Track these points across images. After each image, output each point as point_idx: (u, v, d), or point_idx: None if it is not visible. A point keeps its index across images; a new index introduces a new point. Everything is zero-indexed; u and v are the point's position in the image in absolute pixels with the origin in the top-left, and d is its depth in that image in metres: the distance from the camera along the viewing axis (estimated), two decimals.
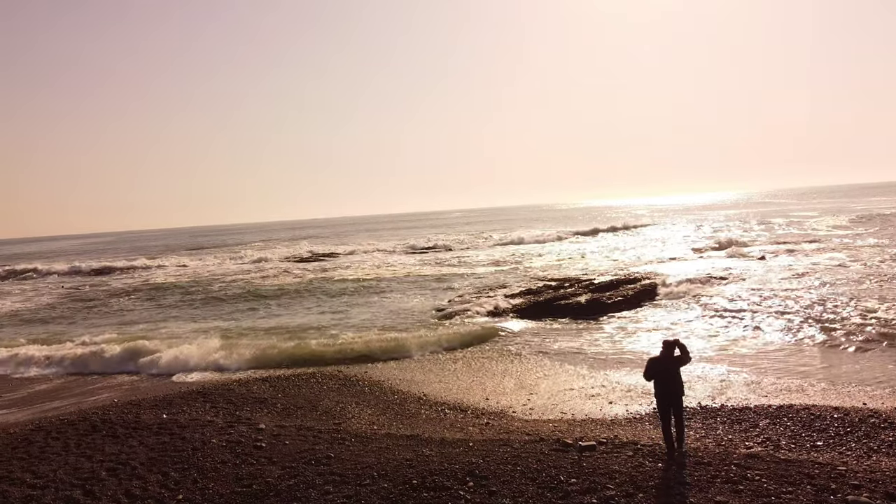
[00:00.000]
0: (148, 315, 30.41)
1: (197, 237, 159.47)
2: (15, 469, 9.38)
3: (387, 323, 23.66)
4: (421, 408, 13.46)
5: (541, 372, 15.83)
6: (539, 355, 17.41)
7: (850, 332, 17.59)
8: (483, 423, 12.12)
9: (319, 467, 8.89)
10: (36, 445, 10.35)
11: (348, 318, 25.58)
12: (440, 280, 36.11)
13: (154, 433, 10.65)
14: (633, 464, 8.47)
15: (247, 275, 45.71)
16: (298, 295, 33.56)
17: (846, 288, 24.02)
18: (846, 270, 28.66)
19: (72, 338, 23.97)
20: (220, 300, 33.83)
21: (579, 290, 26.13)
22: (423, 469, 8.57)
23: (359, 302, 29.92)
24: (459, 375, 16.00)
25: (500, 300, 25.45)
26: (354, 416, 12.79)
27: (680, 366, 8.89)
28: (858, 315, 19.16)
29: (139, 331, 25.36)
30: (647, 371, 8.98)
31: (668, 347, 8.91)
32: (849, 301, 21.26)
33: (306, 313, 27.54)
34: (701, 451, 9.05)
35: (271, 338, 21.77)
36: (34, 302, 38.41)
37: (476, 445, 9.47)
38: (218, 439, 10.10)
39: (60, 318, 31.21)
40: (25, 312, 33.99)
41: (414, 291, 32.28)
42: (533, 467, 8.43)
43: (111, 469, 9.21)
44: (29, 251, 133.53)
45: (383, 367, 17.42)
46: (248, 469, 8.96)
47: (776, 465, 8.34)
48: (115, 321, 29.05)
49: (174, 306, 33.03)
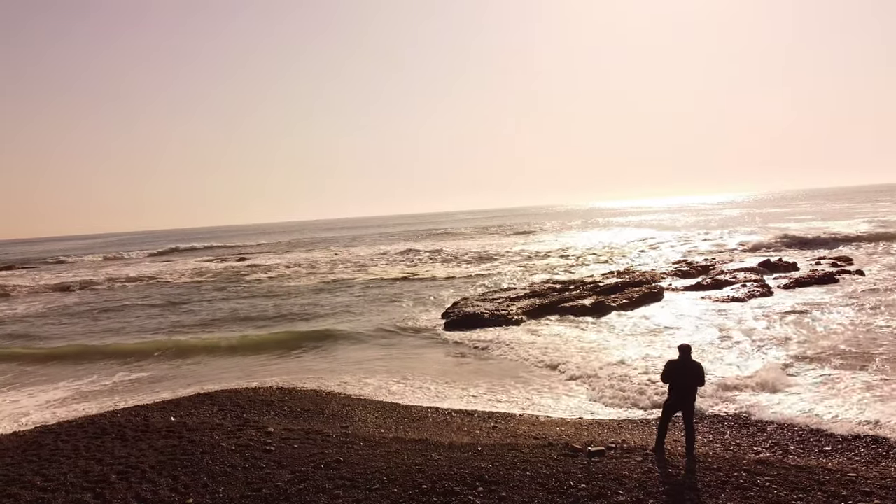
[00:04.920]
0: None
1: (260, 235, 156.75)
2: (25, 472, 9.41)
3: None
4: (428, 411, 13.48)
5: (546, 375, 15.82)
6: (541, 359, 17.35)
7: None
8: (490, 426, 12.13)
9: (329, 471, 8.91)
10: (46, 448, 10.38)
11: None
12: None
13: (163, 436, 10.67)
14: (643, 469, 8.47)
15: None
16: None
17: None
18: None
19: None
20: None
21: (584, 292, 26.11)
22: (433, 473, 8.58)
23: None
24: (466, 378, 16.01)
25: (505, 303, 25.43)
26: (361, 419, 12.80)
27: (696, 382, 8.88)
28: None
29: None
30: (665, 373, 8.99)
31: (685, 352, 8.92)
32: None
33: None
34: (710, 457, 9.05)
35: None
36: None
37: (485, 450, 9.48)
38: (227, 443, 10.12)
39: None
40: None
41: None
42: (542, 472, 8.44)
43: (121, 472, 9.23)
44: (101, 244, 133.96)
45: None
46: (257, 473, 8.98)
47: (786, 471, 8.34)
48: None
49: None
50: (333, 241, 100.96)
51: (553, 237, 76.31)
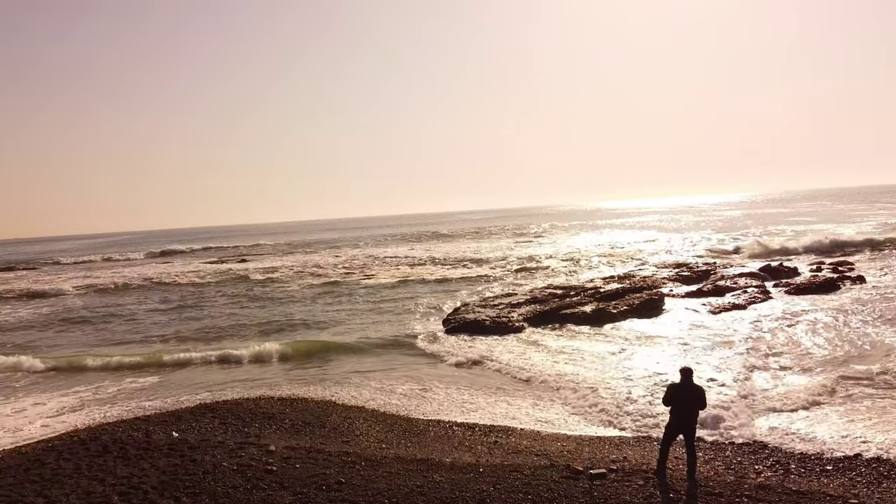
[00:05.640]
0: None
1: (262, 236, 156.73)
2: (28, 493, 9.41)
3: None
4: (429, 425, 13.48)
5: (546, 389, 15.80)
6: (541, 372, 17.29)
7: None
8: (492, 441, 12.14)
9: (331, 493, 8.91)
10: (48, 467, 10.38)
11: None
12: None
13: (165, 454, 10.68)
14: (645, 494, 8.47)
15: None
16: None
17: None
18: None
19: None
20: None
21: (585, 298, 26.12)
22: (434, 497, 8.59)
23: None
24: (467, 390, 16.01)
25: (506, 309, 25.45)
26: (363, 433, 12.81)
27: (698, 406, 8.88)
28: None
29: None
30: (667, 396, 8.99)
31: (686, 375, 8.92)
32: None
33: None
34: (712, 480, 9.05)
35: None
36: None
37: (486, 471, 9.48)
38: (229, 462, 10.13)
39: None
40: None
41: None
42: (544, 496, 8.44)
43: (123, 494, 9.23)
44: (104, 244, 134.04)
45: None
46: (259, 494, 8.99)
47: (787, 496, 8.35)
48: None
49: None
50: (334, 242, 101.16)
51: (554, 239, 76.63)
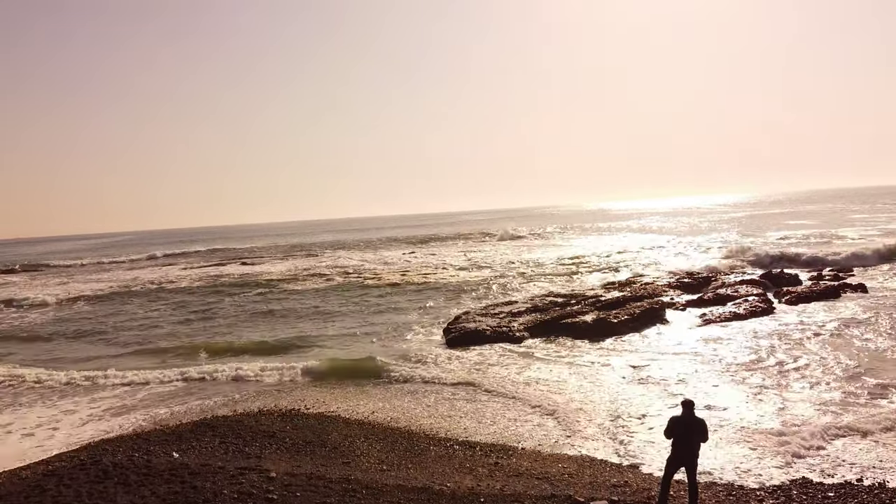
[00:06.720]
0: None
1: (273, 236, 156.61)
2: None
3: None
4: (430, 443, 13.48)
5: (547, 409, 15.71)
6: (541, 392, 17.19)
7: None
8: (492, 462, 12.14)
9: None
10: (48, 494, 10.34)
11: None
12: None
13: (165, 481, 10.65)
14: None
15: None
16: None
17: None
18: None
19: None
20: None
21: (585, 307, 26.08)
22: None
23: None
24: (467, 408, 15.99)
25: (507, 318, 25.42)
26: (363, 453, 12.81)
27: (700, 439, 8.84)
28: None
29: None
30: (668, 429, 8.96)
31: (688, 407, 8.89)
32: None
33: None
34: None
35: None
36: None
37: (487, 501, 9.47)
38: (229, 490, 10.11)
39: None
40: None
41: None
42: None
43: None
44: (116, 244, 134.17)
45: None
46: None
47: None
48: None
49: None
50: (336, 244, 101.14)
51: (555, 242, 76.63)
